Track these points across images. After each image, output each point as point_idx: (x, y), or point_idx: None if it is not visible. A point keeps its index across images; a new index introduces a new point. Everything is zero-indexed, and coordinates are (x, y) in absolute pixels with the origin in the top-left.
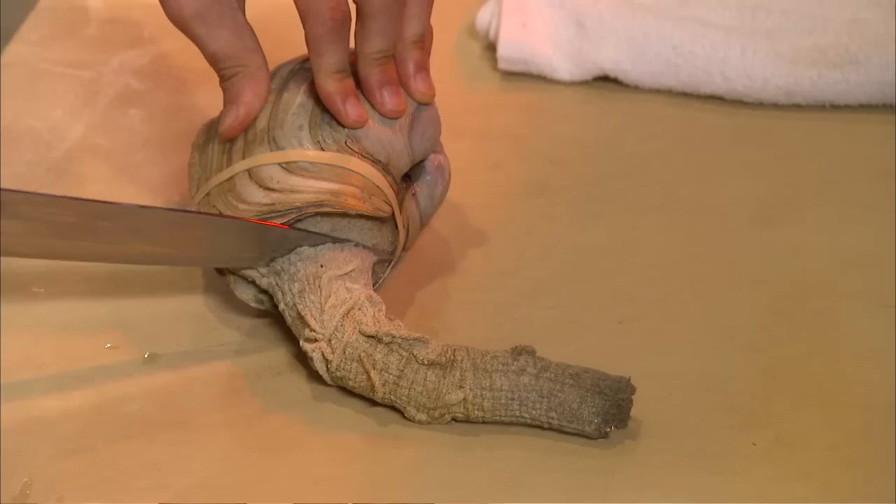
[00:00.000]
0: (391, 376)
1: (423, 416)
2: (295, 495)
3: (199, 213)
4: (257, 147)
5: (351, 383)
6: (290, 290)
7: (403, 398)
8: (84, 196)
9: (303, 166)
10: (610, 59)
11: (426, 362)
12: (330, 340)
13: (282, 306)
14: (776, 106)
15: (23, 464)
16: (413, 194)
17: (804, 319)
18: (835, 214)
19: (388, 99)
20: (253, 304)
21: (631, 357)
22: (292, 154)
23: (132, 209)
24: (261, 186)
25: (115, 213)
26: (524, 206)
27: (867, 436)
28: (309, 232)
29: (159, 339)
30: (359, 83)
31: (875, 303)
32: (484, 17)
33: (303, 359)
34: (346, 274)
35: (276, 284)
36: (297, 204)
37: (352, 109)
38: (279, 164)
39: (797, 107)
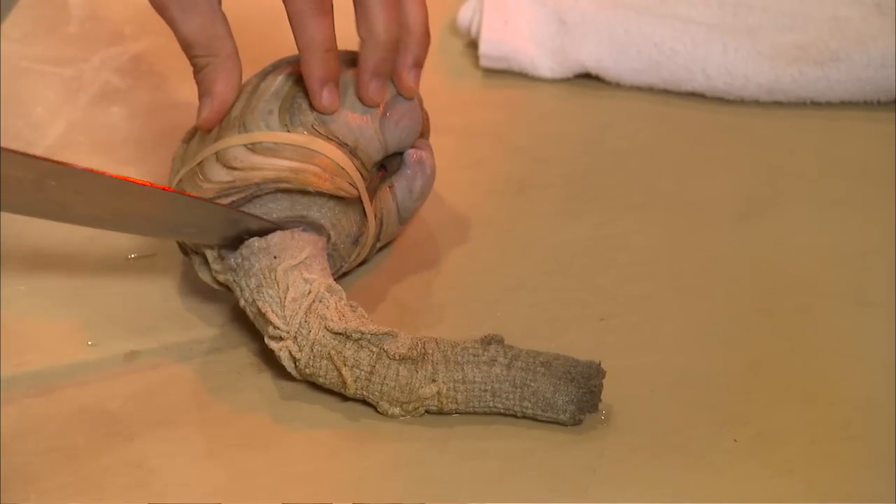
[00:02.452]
0: (363, 372)
1: (396, 410)
2: (277, 493)
3: (143, 182)
4: (228, 132)
5: (321, 380)
6: (248, 285)
7: (376, 393)
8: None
9: (267, 146)
10: (591, 56)
11: (397, 357)
12: (296, 338)
13: (242, 303)
14: (757, 103)
15: (3, 462)
16: (390, 187)
17: (785, 316)
18: (816, 211)
19: (374, 90)
20: (215, 287)
21: (612, 354)
22: (257, 135)
23: (78, 171)
24: (224, 166)
25: (61, 173)
26: (506, 204)
27: (848, 432)
28: (250, 215)
29: (140, 337)
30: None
31: (856, 299)
32: (466, 14)
33: None
34: (300, 263)
35: (234, 280)
36: (256, 180)
37: (327, 96)
38: (244, 144)
39: (778, 104)
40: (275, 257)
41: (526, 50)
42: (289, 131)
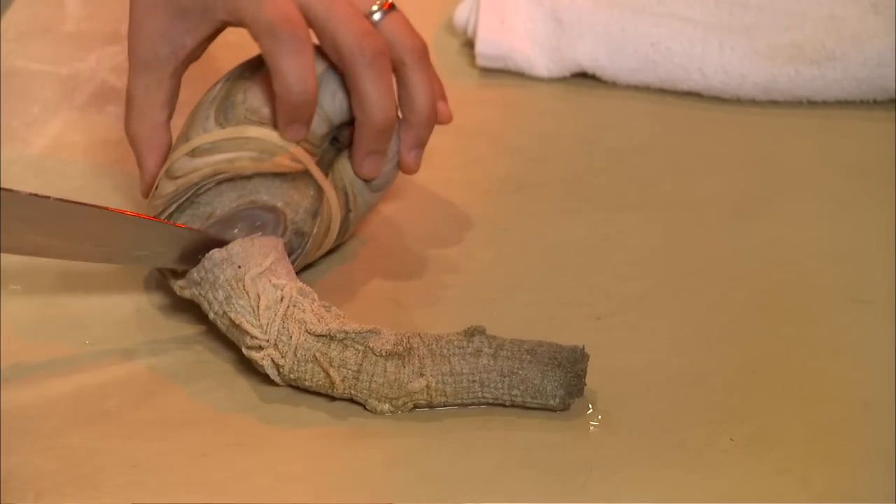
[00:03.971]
0: (350, 371)
1: (385, 407)
2: (272, 492)
3: (84, 203)
4: (175, 149)
5: (307, 383)
6: (216, 297)
7: (364, 391)
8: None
9: (205, 148)
10: (588, 55)
11: (384, 353)
12: (276, 345)
13: (211, 316)
14: (753, 102)
15: (1, 461)
16: (349, 157)
17: (781, 315)
18: (812, 210)
19: (368, 167)
20: (193, 299)
21: (608, 353)
22: (195, 141)
23: (21, 196)
24: (170, 179)
25: (9, 202)
26: (502, 203)
27: (844, 431)
28: (190, 229)
29: (137, 337)
30: None
31: (852, 298)
32: (462, 13)
33: None
34: (267, 269)
35: (200, 294)
36: (195, 180)
37: (292, 132)
38: (186, 154)
39: (774, 103)
40: (239, 266)
41: (522, 49)
42: (223, 127)
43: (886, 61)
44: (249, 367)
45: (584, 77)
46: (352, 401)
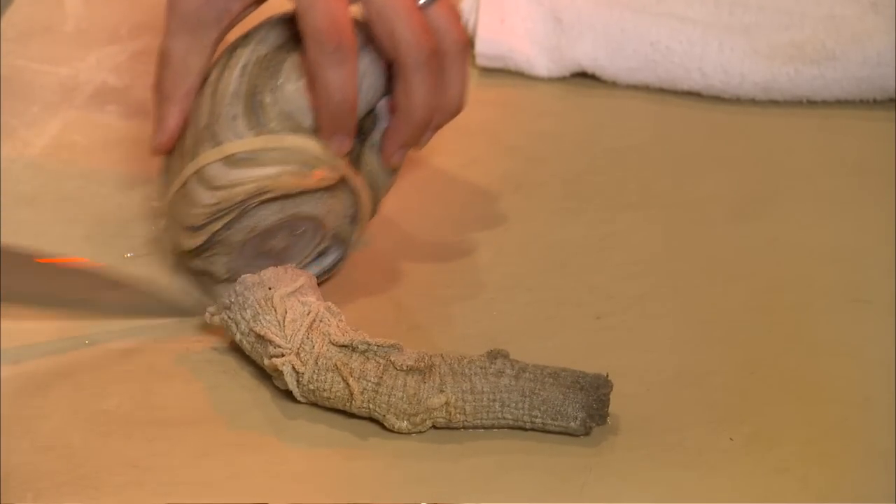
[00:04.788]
0: (370, 384)
1: (404, 424)
2: (272, 492)
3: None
4: (202, 147)
5: (325, 394)
6: (243, 317)
7: (383, 406)
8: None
9: (241, 157)
10: (587, 55)
11: (405, 368)
12: (299, 353)
13: (238, 337)
14: (753, 102)
15: (2, 461)
16: (371, 145)
17: (781, 315)
18: (812, 210)
19: (398, 159)
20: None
21: (608, 353)
22: (229, 147)
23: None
24: (207, 188)
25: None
26: (501, 202)
27: (843, 431)
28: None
29: (136, 336)
30: None
31: (851, 297)
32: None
33: None
34: (296, 290)
35: (229, 318)
36: (240, 198)
37: (336, 144)
38: (220, 160)
39: (774, 103)
40: (269, 288)
41: (522, 49)
42: (257, 134)
43: (886, 60)
44: (250, 367)
45: (583, 77)
46: (370, 419)
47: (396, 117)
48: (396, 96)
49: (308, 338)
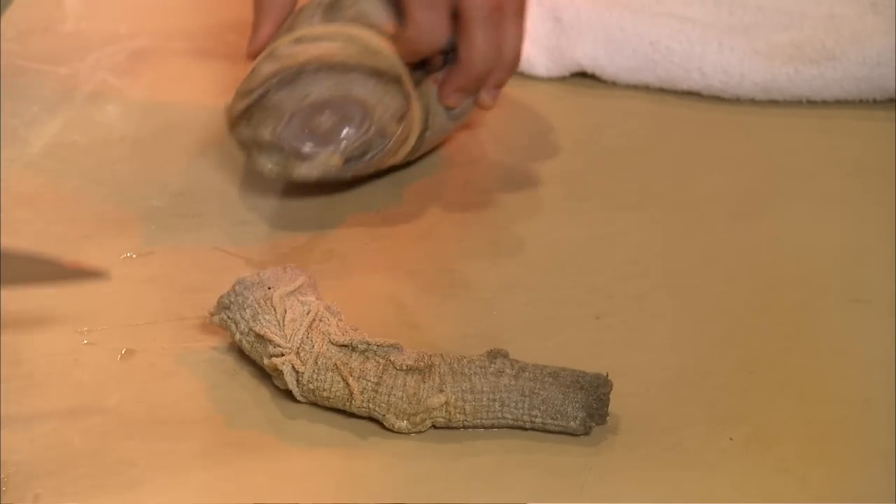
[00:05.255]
0: (369, 383)
1: (403, 424)
2: (272, 491)
3: None
4: (278, 38)
5: (325, 394)
6: (243, 317)
7: (383, 405)
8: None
9: (309, 38)
10: (587, 54)
11: (404, 367)
12: (298, 353)
13: (237, 336)
14: (753, 102)
15: (1, 460)
16: (434, 78)
17: (781, 314)
18: (811, 210)
19: (454, 101)
20: (271, 174)
21: (608, 352)
22: (300, 32)
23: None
24: (271, 60)
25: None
26: (501, 202)
27: (843, 430)
28: None
29: (136, 336)
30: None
31: (851, 297)
32: None
33: None
34: (296, 290)
35: (228, 318)
36: (301, 61)
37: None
38: (290, 41)
39: (774, 102)
40: (269, 288)
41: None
42: (331, 25)
43: (886, 60)
44: (249, 367)
45: (583, 76)
46: (370, 419)
47: (456, 63)
48: (460, 44)
49: (308, 337)
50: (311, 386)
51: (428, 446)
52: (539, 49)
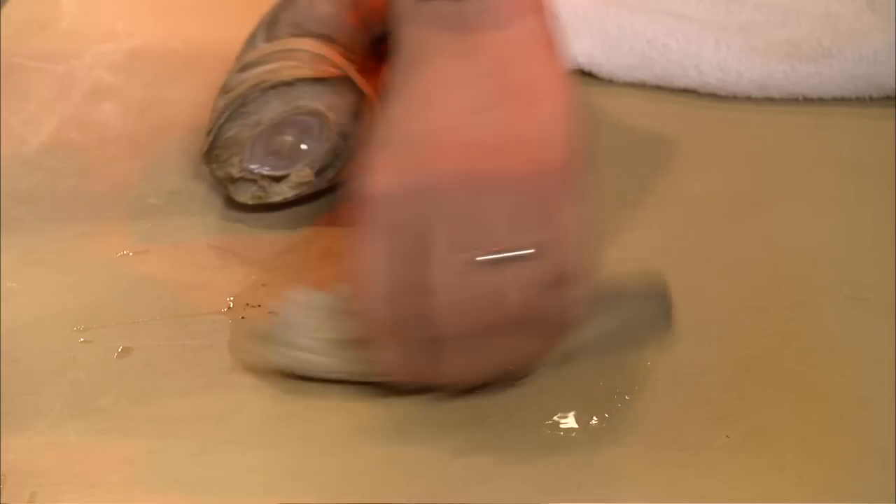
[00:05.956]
0: None
1: None
2: (269, 490)
3: None
4: (229, 73)
5: None
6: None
7: None
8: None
9: (251, 62)
10: (584, 52)
11: None
12: None
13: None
14: (750, 99)
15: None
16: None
17: (778, 312)
18: (808, 207)
19: None
20: (251, 203)
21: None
22: (246, 58)
23: None
24: (222, 94)
25: None
26: None
27: (840, 428)
28: None
29: (133, 334)
30: None
31: (848, 295)
32: None
33: None
34: None
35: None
36: (242, 91)
37: None
38: (237, 70)
39: (771, 100)
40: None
41: None
42: (269, 43)
43: (883, 58)
44: (244, 367)
45: (580, 74)
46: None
47: None
48: None
49: None
50: None
51: (425, 445)
52: None
